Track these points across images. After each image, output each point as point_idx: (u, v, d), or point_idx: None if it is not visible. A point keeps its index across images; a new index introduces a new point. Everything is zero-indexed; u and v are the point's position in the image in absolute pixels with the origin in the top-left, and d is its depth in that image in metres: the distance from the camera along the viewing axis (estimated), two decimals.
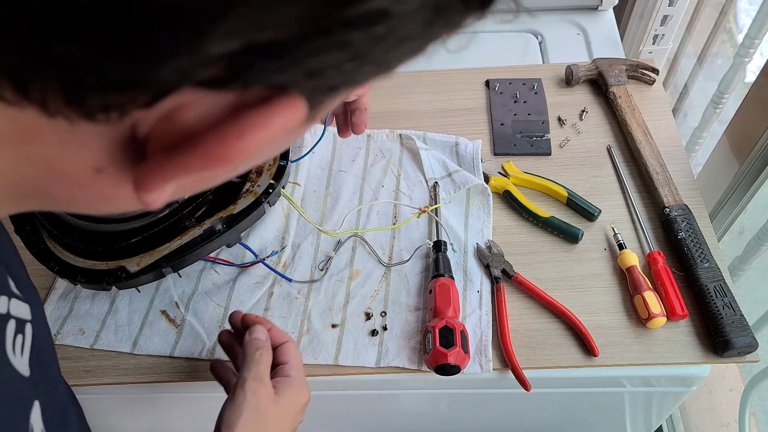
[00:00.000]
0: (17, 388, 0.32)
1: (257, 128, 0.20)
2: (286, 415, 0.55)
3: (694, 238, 0.74)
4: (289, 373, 0.57)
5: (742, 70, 0.97)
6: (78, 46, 0.16)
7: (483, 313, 0.71)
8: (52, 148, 0.20)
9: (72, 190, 0.22)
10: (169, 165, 0.20)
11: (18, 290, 0.34)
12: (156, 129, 0.20)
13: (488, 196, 0.81)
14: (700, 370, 0.70)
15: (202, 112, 0.19)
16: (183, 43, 0.16)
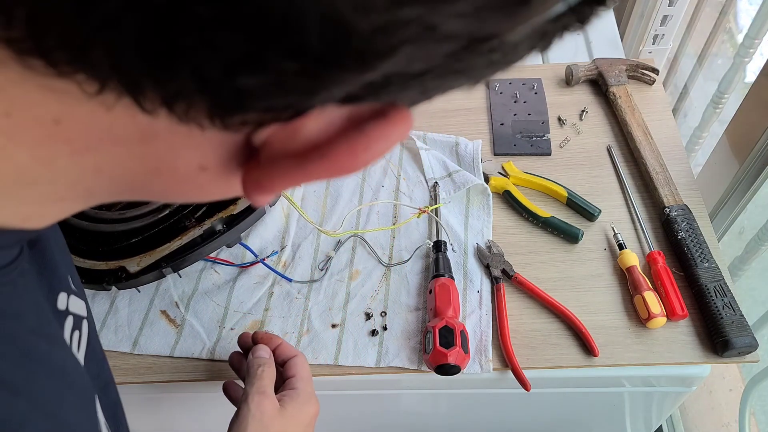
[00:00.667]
0: (86, 377, 0.33)
1: (381, 140, 0.21)
2: (292, 426, 0.55)
3: (694, 238, 0.74)
4: (296, 386, 0.57)
5: (742, 70, 0.97)
6: (263, 79, 0.17)
7: (483, 313, 0.71)
8: (165, 149, 0.21)
9: (171, 184, 0.23)
10: (296, 172, 0.21)
11: (70, 286, 0.35)
12: (276, 136, 0.21)
13: (488, 196, 0.81)
14: (700, 370, 0.70)
15: (324, 122, 0.21)
16: (352, 78, 0.18)
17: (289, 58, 0.16)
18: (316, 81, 0.17)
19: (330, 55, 0.16)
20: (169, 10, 0.15)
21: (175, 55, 0.16)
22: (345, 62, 0.17)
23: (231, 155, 0.22)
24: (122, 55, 0.16)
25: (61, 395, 0.27)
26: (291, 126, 0.20)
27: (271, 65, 0.16)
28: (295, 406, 0.56)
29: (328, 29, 0.15)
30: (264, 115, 0.19)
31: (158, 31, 0.15)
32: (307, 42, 0.16)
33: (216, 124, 0.19)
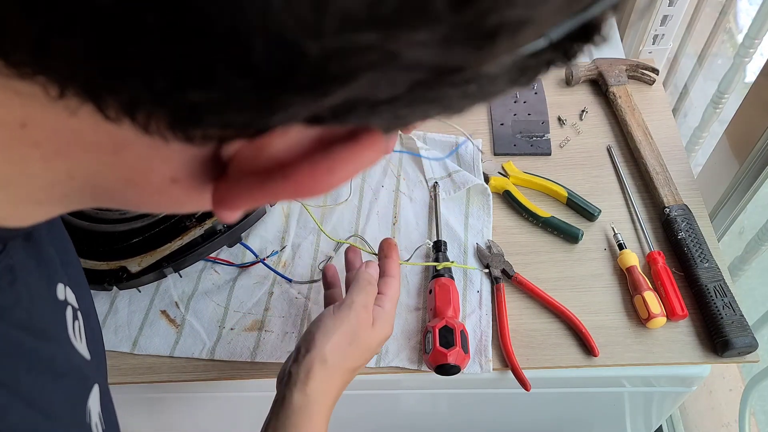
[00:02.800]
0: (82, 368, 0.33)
1: (347, 163, 0.21)
2: (372, 345, 0.59)
3: (694, 238, 0.74)
4: (384, 305, 0.60)
5: (742, 70, 0.97)
6: (212, 94, 0.17)
7: (483, 313, 0.71)
8: (137, 159, 0.21)
9: (144, 195, 0.23)
10: (258, 191, 0.21)
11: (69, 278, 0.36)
12: (242, 152, 0.21)
13: (488, 196, 0.81)
14: (700, 370, 0.70)
15: (291, 142, 0.20)
16: (309, 100, 0.17)
17: (238, 76, 0.16)
18: (269, 101, 0.17)
19: (280, 76, 0.16)
20: (117, 17, 0.15)
21: (126, 64, 0.16)
22: (297, 84, 0.17)
23: (201, 169, 0.22)
24: (76, 60, 0.16)
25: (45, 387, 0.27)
26: (257, 143, 0.20)
27: (221, 81, 0.16)
28: (381, 325, 0.59)
29: (276, 50, 0.15)
30: (224, 130, 0.19)
31: (107, 38, 0.15)
32: (254, 61, 0.16)
33: (178, 137, 0.18)
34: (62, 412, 0.29)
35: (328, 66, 0.16)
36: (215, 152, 0.21)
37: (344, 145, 0.20)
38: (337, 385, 0.56)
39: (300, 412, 0.52)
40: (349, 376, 0.57)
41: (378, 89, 0.18)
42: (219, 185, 0.22)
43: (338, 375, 0.55)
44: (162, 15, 0.15)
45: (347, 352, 0.55)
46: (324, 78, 0.16)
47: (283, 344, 0.70)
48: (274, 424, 0.52)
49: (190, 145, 0.19)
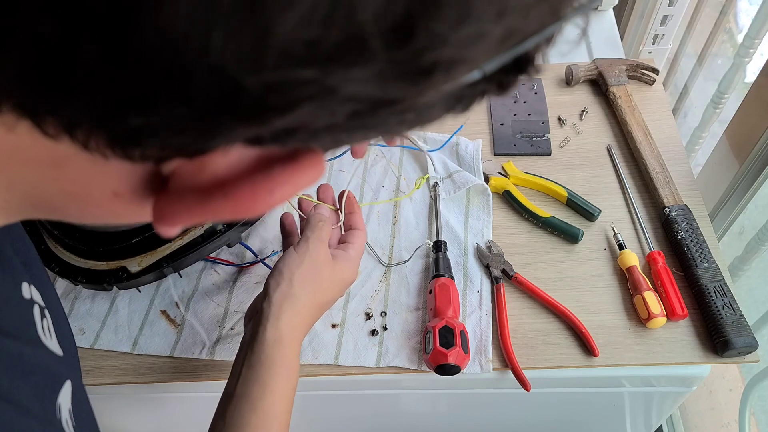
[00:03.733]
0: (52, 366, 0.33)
1: (287, 184, 0.21)
2: (337, 281, 0.62)
3: (694, 238, 0.74)
4: (348, 250, 0.64)
5: (742, 70, 0.97)
6: (152, 119, 0.17)
7: (483, 313, 0.71)
8: (77, 173, 0.21)
9: (86, 208, 0.24)
10: (197, 208, 0.21)
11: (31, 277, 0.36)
12: (183, 169, 0.21)
13: (488, 196, 0.81)
14: (700, 370, 0.70)
15: (232, 161, 0.20)
16: (249, 128, 0.18)
17: (178, 104, 0.16)
18: (208, 128, 0.17)
19: (219, 106, 0.16)
20: (58, 45, 0.15)
21: (65, 87, 0.16)
22: (236, 114, 0.17)
23: (142, 183, 0.22)
24: (12, 80, 0.16)
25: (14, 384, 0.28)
26: (197, 161, 0.20)
27: (161, 108, 0.16)
28: (344, 264, 0.62)
29: (215, 83, 0.16)
30: (163, 150, 0.19)
31: (47, 63, 0.15)
32: (193, 92, 0.16)
33: (117, 155, 0.19)
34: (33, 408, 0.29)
35: (267, 98, 0.16)
36: (156, 168, 0.21)
37: (284, 165, 0.21)
38: (307, 318, 0.59)
39: (274, 346, 0.54)
40: (318, 310, 0.60)
41: (317, 118, 0.18)
42: (159, 200, 0.22)
43: (307, 309, 0.58)
44: (102, 46, 0.15)
45: (313, 286, 0.59)
46: (263, 109, 0.17)
47: None
48: (249, 358, 0.54)
49: (130, 162, 0.19)
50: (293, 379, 0.56)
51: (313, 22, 0.15)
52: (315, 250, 0.60)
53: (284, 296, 0.57)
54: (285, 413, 0.54)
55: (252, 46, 0.15)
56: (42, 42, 0.15)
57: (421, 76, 0.17)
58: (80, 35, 0.15)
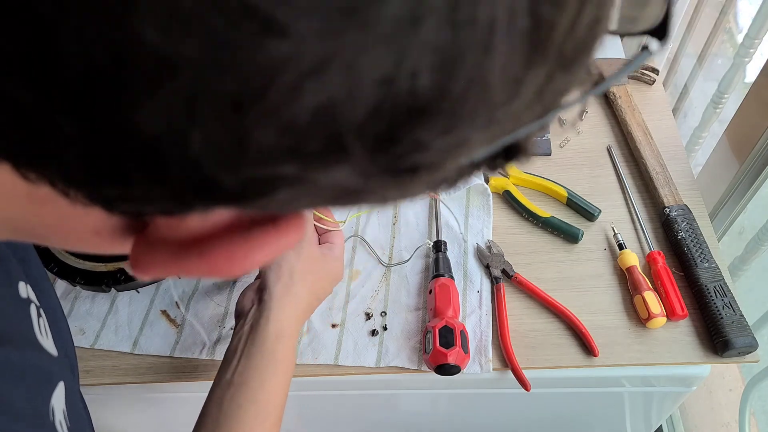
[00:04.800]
0: (46, 367, 0.33)
1: (265, 248, 0.20)
2: (329, 277, 0.65)
3: (694, 238, 0.74)
4: (333, 250, 0.67)
5: (742, 70, 0.97)
6: (127, 192, 0.17)
7: (483, 313, 0.71)
8: (58, 212, 0.21)
9: (68, 241, 0.23)
10: (172, 262, 0.20)
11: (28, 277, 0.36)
12: (161, 221, 0.20)
13: (488, 196, 0.81)
14: (700, 370, 0.70)
15: (210, 220, 0.20)
16: (226, 207, 0.18)
17: (154, 185, 0.16)
18: (186, 204, 0.17)
19: (196, 192, 0.16)
20: (37, 116, 0.15)
21: (43, 151, 0.16)
22: (214, 200, 0.17)
23: (123, 226, 0.21)
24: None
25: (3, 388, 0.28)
26: (175, 218, 0.20)
27: (137, 185, 0.16)
28: (333, 261, 0.65)
29: (194, 176, 0.16)
30: (143, 212, 0.19)
31: (27, 128, 0.15)
32: (170, 178, 0.16)
33: (97, 208, 0.18)
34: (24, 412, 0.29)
35: (245, 189, 0.16)
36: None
37: (264, 228, 0.20)
38: (305, 312, 0.61)
39: (276, 338, 0.56)
40: (314, 304, 0.63)
41: (297, 200, 0.18)
42: (137, 244, 0.21)
43: (305, 303, 0.61)
44: (77, 126, 0.15)
45: (310, 281, 0.61)
46: (241, 197, 0.17)
47: None
48: (249, 349, 0.55)
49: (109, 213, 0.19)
50: (290, 371, 0.57)
51: (293, 130, 0.15)
52: (308, 248, 0.63)
53: (285, 290, 0.58)
54: (281, 405, 0.55)
55: (230, 149, 0.15)
56: (20, 108, 0.15)
57: (405, 175, 0.17)
58: (57, 109, 0.15)
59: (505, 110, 0.17)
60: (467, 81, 0.15)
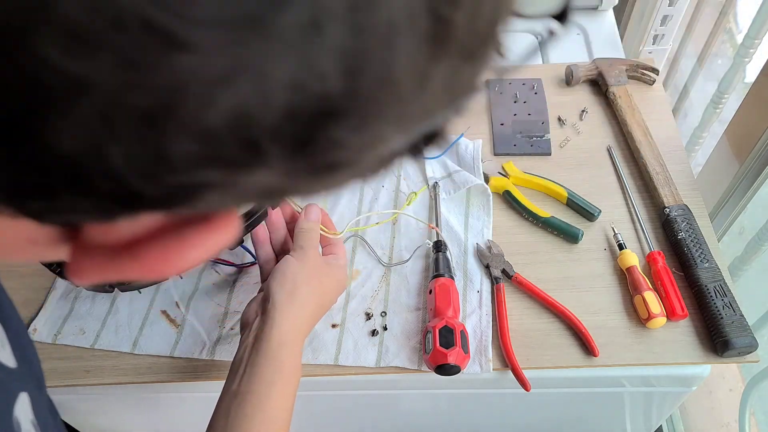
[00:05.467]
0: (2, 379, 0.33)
1: (199, 247, 0.20)
2: (334, 285, 0.65)
3: (694, 238, 0.74)
4: (338, 259, 0.67)
5: (742, 70, 0.97)
6: (53, 205, 0.17)
7: (483, 313, 0.71)
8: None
9: (7, 251, 0.23)
10: (108, 266, 0.20)
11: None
12: (92, 228, 0.20)
13: (488, 196, 0.81)
14: (700, 370, 0.70)
15: (141, 223, 0.20)
16: (153, 212, 0.18)
17: (80, 197, 0.16)
18: (113, 213, 0.18)
19: (121, 203, 0.17)
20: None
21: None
22: (139, 208, 0.17)
23: (57, 234, 0.21)
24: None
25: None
26: (106, 224, 0.20)
27: (62, 199, 0.16)
28: (337, 269, 0.66)
29: (117, 189, 0.16)
30: (69, 220, 0.19)
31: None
32: (94, 191, 0.16)
33: (26, 218, 0.18)
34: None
35: (170, 196, 0.17)
36: None
37: (197, 227, 0.20)
38: (310, 320, 0.61)
39: (280, 346, 0.56)
40: (319, 313, 0.63)
41: (225, 201, 0.19)
42: (73, 251, 0.21)
43: (310, 312, 0.61)
44: (1, 145, 0.15)
45: (315, 289, 0.61)
46: (167, 203, 0.17)
47: None
48: (254, 358, 0.55)
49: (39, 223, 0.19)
50: (296, 379, 0.57)
51: (209, 139, 0.15)
52: (313, 256, 0.63)
53: (289, 298, 0.59)
54: (288, 412, 0.55)
55: (149, 161, 0.15)
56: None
57: (325, 172, 0.18)
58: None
59: (415, 104, 0.17)
60: (375, 80, 0.16)
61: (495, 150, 0.87)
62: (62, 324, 0.73)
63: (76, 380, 0.69)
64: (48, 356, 0.71)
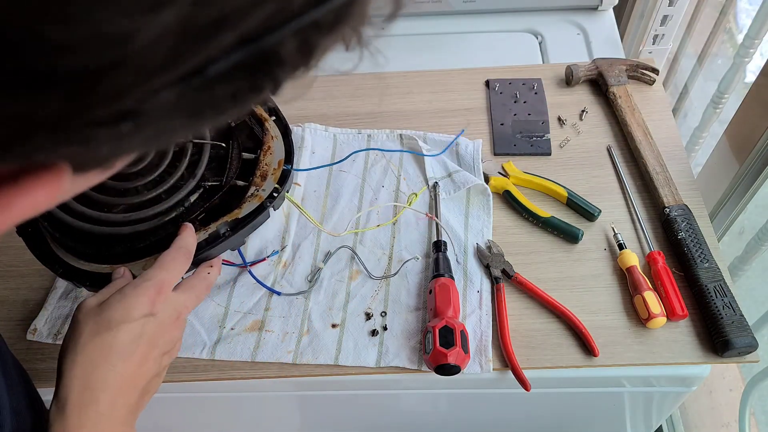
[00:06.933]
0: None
1: (22, 203, 0.19)
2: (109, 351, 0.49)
3: (694, 238, 0.74)
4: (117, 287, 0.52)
5: (742, 70, 0.97)
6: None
7: (483, 313, 0.71)
8: None
9: None
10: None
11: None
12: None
13: (488, 196, 0.81)
14: (700, 370, 0.70)
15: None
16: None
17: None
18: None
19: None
20: None
21: None
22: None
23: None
24: None
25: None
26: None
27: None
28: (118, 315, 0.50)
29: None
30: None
31: None
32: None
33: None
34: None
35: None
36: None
37: (18, 182, 0.19)
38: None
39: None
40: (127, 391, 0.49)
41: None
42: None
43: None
44: None
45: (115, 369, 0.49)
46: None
47: (283, 344, 0.70)
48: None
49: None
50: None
51: None
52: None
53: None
54: None
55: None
56: None
57: (49, 88, 0.16)
58: None
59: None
60: None
61: (495, 150, 0.87)
62: (62, 324, 0.73)
63: None
64: (48, 356, 0.71)
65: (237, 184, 0.66)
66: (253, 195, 0.65)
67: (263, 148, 0.68)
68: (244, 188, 0.66)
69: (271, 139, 0.68)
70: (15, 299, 0.76)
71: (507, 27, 1.09)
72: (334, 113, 0.92)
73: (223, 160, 0.67)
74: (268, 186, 0.67)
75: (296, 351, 0.69)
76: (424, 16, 1.12)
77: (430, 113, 0.92)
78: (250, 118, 0.69)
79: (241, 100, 0.20)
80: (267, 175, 0.67)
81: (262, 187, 0.66)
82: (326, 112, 0.92)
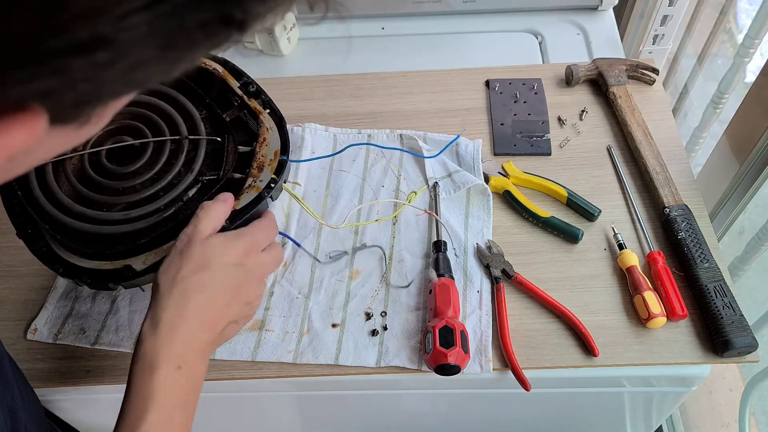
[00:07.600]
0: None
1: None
2: (221, 282, 0.54)
3: (694, 238, 0.74)
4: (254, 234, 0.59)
5: (742, 70, 0.97)
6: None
7: (483, 313, 0.71)
8: None
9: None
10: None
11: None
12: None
13: (488, 196, 0.81)
14: (700, 370, 0.70)
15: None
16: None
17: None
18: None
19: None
20: None
21: None
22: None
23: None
24: None
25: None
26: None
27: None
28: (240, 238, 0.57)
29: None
30: None
31: None
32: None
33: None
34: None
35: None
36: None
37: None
38: (202, 332, 0.53)
39: (152, 374, 0.50)
40: (220, 317, 0.54)
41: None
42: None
43: (198, 322, 0.53)
44: None
45: (207, 287, 0.54)
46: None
47: (283, 344, 0.70)
48: (128, 385, 0.50)
49: None
50: (178, 406, 0.52)
51: None
52: (205, 238, 0.55)
53: (165, 306, 0.52)
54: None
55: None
56: None
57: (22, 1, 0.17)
58: None
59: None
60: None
61: (495, 150, 0.87)
62: (62, 323, 0.73)
63: (76, 380, 0.69)
64: (48, 356, 0.71)
65: (234, 176, 0.66)
66: (250, 186, 0.65)
67: (259, 139, 0.68)
68: (241, 180, 0.66)
69: (267, 131, 0.68)
70: (15, 299, 0.76)
71: (507, 27, 1.09)
72: (334, 113, 0.92)
73: (220, 154, 0.67)
74: (265, 176, 0.66)
75: (296, 351, 0.70)
76: (424, 16, 1.12)
77: (430, 113, 0.92)
78: (245, 113, 0.69)
79: (211, 32, 0.20)
80: (264, 165, 0.67)
81: (259, 177, 0.66)
82: (326, 112, 0.93)
